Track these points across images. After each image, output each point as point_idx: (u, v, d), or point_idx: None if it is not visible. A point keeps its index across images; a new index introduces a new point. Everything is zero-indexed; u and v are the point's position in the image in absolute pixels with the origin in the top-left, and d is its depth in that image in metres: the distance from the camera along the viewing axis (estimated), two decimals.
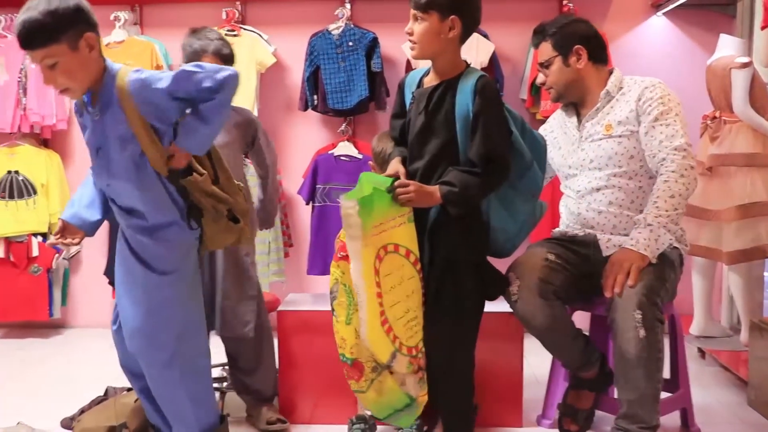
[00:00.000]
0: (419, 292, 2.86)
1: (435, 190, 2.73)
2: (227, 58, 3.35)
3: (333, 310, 2.84)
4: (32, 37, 2.44)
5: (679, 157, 2.98)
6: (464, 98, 2.76)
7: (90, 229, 2.93)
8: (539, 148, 2.97)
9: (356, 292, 2.74)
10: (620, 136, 3.14)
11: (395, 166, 2.89)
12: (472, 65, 2.90)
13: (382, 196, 2.77)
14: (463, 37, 2.84)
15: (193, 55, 3.31)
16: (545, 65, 3.28)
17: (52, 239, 2.91)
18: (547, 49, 3.27)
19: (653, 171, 3.08)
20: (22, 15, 2.44)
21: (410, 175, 2.80)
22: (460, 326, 2.88)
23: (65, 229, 2.88)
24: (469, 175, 2.73)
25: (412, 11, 2.78)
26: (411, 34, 2.80)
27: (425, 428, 3.20)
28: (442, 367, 2.87)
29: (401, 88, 3.01)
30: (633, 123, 3.12)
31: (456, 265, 2.80)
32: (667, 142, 3.03)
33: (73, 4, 2.49)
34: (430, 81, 2.90)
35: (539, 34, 3.30)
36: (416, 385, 2.84)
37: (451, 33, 2.77)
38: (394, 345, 2.74)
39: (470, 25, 2.84)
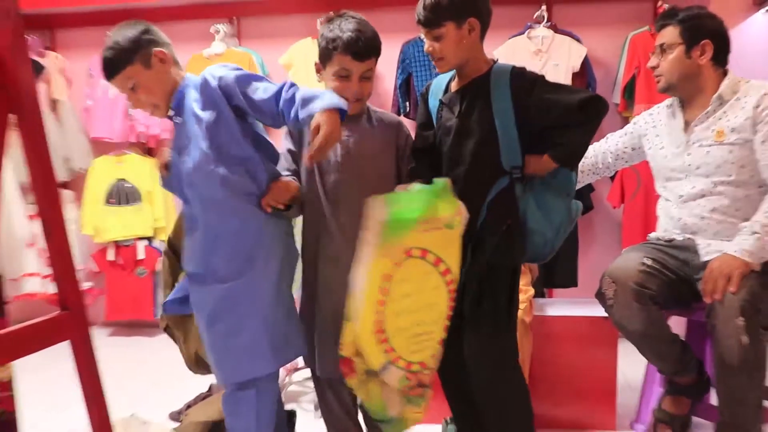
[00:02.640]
0: (443, 305, 2.63)
1: (543, 157, 2.61)
2: (361, 53, 2.73)
3: None
4: (112, 66, 2.60)
5: None
6: (501, 92, 2.64)
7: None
8: None
9: (356, 295, 2.57)
10: (732, 144, 3.03)
11: None
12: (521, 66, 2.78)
13: (424, 200, 2.54)
14: (483, 33, 2.71)
15: (324, 52, 2.78)
16: (664, 49, 3.16)
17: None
18: (672, 34, 3.14)
19: (765, 181, 2.99)
20: (103, 52, 2.61)
21: (453, 181, 2.57)
22: (498, 340, 2.73)
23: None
24: (570, 129, 2.59)
25: (425, 30, 2.69)
26: (433, 52, 2.70)
27: None
28: (485, 389, 2.74)
29: (425, 97, 2.91)
30: (748, 131, 3.00)
31: (495, 270, 2.68)
32: None
33: (140, 29, 2.68)
34: (459, 84, 2.80)
35: (668, 18, 3.17)
36: (401, 401, 2.68)
37: (472, 35, 2.66)
38: (388, 357, 2.57)
39: (487, 19, 2.71)
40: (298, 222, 2.94)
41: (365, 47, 2.72)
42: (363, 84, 2.77)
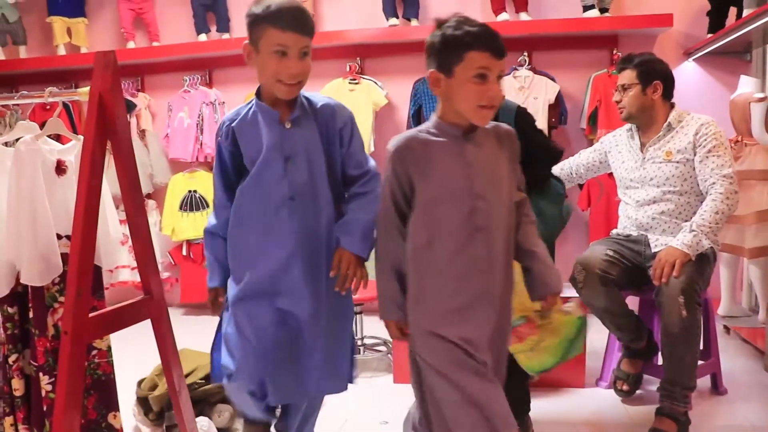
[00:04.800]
0: None
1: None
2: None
3: None
4: (307, 22, 2.05)
5: (727, 183, 2.93)
6: (506, 122, 2.37)
7: None
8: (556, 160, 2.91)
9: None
10: (678, 162, 3.09)
11: None
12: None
13: None
14: None
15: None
16: (625, 88, 3.19)
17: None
18: (630, 76, 3.18)
19: (702, 192, 3.03)
20: (288, 4, 2.02)
21: None
22: None
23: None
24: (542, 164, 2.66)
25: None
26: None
27: None
28: None
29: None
30: (690, 152, 3.06)
31: None
32: (718, 170, 2.98)
33: None
34: None
35: (626, 62, 3.22)
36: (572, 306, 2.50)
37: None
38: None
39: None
40: None
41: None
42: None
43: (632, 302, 3.25)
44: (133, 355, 3.35)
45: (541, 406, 3.12)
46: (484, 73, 1.85)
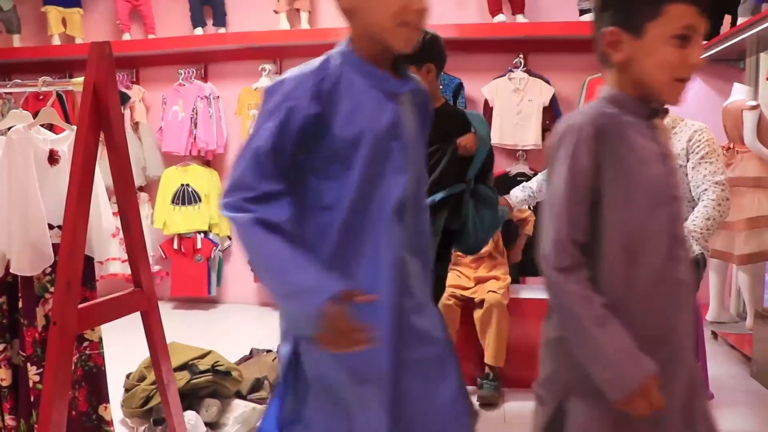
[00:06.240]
0: None
1: None
2: None
3: None
4: None
5: (719, 189, 2.93)
6: None
7: None
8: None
9: None
10: None
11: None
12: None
13: None
14: (438, 74, 2.72)
15: None
16: None
17: None
18: None
19: (695, 198, 3.02)
20: None
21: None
22: None
23: None
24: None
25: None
26: None
27: None
28: None
29: None
30: (683, 158, 3.05)
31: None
32: (710, 176, 2.96)
33: None
34: None
35: None
36: None
37: (429, 76, 2.64)
38: None
39: (441, 64, 2.71)
40: None
41: None
42: None
43: None
44: (122, 348, 3.34)
45: (525, 409, 3.12)
46: (687, 33, 1.39)
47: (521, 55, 5.06)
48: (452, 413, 1.57)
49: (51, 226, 2.35)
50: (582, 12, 4.93)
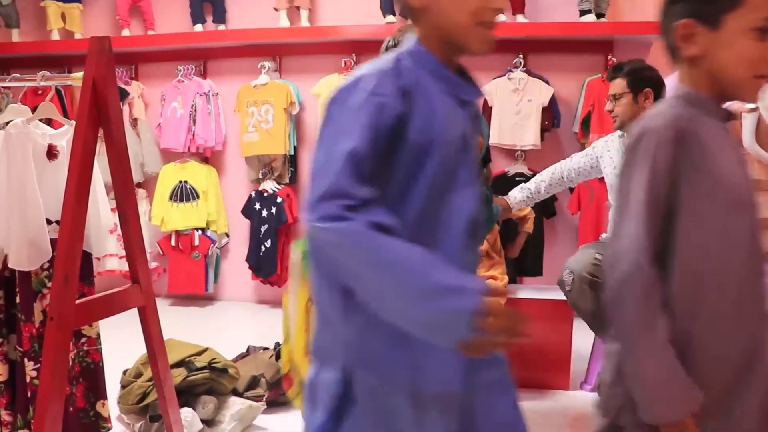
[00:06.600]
0: None
1: None
2: None
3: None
4: None
5: None
6: None
7: None
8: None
9: (290, 323, 2.60)
10: None
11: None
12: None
13: None
14: None
15: None
16: (616, 97, 3.17)
17: None
18: (620, 85, 3.16)
19: None
20: None
21: None
22: None
23: None
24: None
25: None
26: None
27: None
28: None
29: None
30: None
31: None
32: None
33: None
34: None
35: (616, 71, 3.20)
36: None
37: None
38: None
39: None
40: None
41: None
42: None
43: None
44: (118, 344, 3.33)
45: (525, 408, 3.12)
46: None
47: (521, 55, 5.06)
48: None
49: (49, 221, 2.34)
50: (582, 12, 4.93)
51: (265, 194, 5.34)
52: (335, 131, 1.26)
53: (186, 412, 2.80)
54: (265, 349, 3.65)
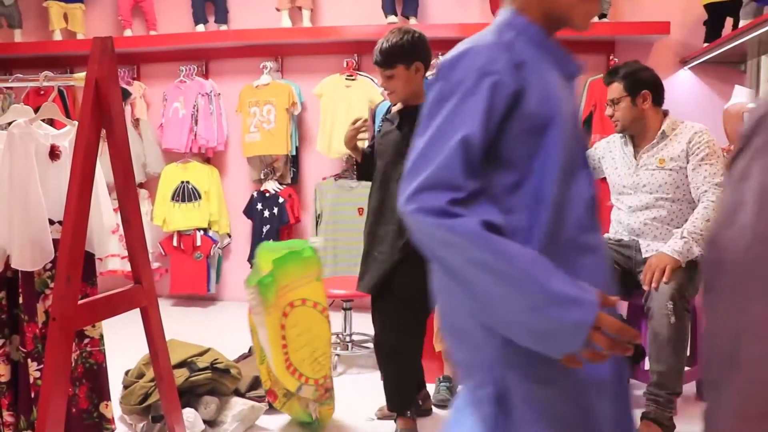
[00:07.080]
0: (326, 332, 3.02)
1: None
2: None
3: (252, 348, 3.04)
4: None
5: (719, 191, 2.94)
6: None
7: None
8: None
9: (264, 351, 2.87)
10: (671, 169, 3.08)
11: None
12: None
13: (289, 261, 2.85)
14: (425, 72, 2.83)
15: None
16: (615, 102, 3.17)
17: None
18: (618, 88, 3.16)
19: (695, 199, 3.04)
20: None
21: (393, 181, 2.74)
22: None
23: None
24: None
25: (380, 70, 2.78)
26: (387, 87, 2.81)
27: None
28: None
29: (373, 118, 3.00)
30: (683, 160, 3.05)
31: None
32: (710, 178, 2.98)
33: None
34: (402, 106, 2.86)
35: (612, 75, 3.20)
36: (316, 406, 2.97)
37: (417, 74, 2.77)
38: (300, 381, 2.86)
39: (428, 63, 2.82)
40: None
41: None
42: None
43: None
44: (120, 345, 3.33)
45: None
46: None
47: None
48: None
49: (51, 222, 2.34)
50: None
51: (267, 194, 5.34)
52: (443, 114, 1.16)
53: (188, 413, 2.80)
54: None
